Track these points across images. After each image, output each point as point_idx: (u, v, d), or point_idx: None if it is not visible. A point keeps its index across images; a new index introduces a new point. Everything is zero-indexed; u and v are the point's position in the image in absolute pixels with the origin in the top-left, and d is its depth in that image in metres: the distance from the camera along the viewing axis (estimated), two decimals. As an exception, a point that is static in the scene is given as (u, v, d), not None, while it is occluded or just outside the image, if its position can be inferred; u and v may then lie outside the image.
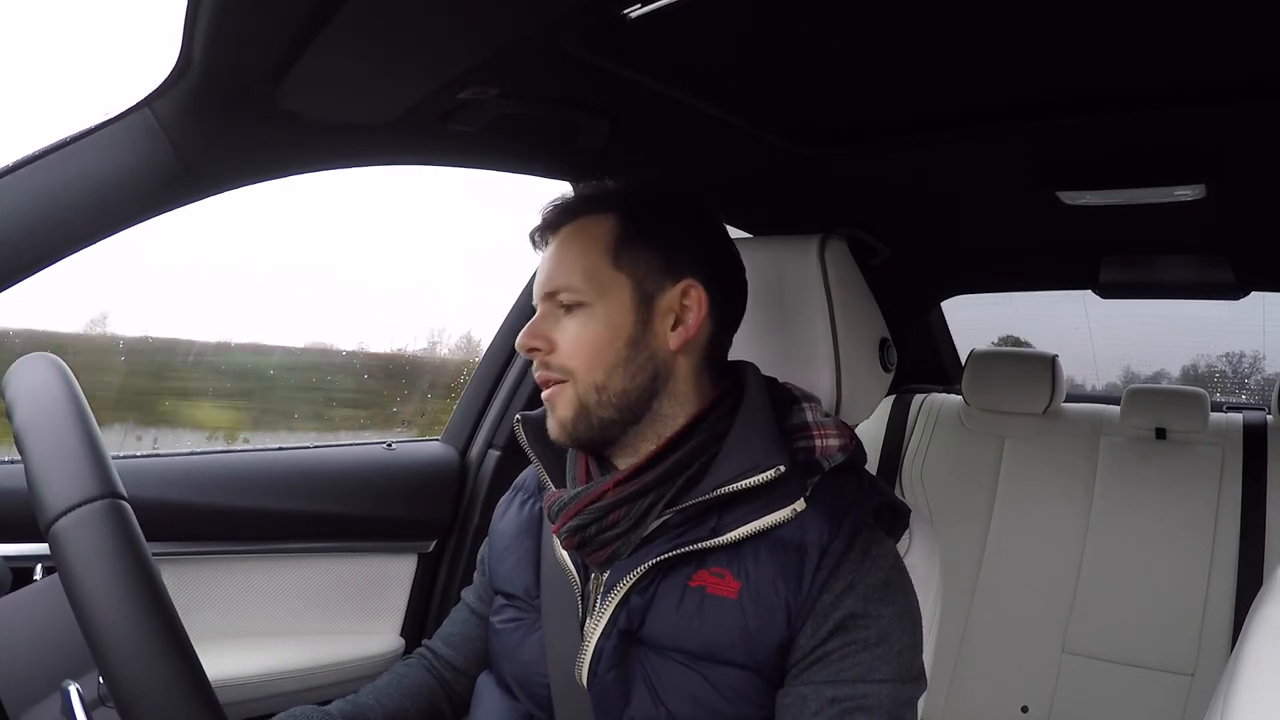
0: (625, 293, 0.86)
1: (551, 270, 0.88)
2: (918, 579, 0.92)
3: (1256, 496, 1.84)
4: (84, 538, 0.55)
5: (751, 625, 0.78)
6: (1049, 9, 0.86)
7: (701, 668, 0.78)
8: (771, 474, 0.79)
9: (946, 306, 2.41)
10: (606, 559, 0.84)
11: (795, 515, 0.80)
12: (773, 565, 0.79)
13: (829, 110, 1.19)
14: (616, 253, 0.87)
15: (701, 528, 0.81)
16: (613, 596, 0.82)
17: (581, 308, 0.86)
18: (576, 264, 0.86)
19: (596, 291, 0.85)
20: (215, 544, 1.21)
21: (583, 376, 0.85)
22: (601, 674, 0.81)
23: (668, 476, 0.83)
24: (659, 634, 0.80)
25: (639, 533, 0.83)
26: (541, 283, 0.89)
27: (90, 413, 0.62)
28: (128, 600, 0.54)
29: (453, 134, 1.07)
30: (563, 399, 0.86)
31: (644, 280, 0.86)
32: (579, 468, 0.91)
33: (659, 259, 0.87)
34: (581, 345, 0.85)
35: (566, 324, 0.86)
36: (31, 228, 0.85)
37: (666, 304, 0.87)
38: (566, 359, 0.85)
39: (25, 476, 0.58)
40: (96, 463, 0.58)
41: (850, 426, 0.92)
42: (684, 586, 0.80)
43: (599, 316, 0.85)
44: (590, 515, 0.83)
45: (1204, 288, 2.01)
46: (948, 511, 2.07)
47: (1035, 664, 1.91)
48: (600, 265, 0.86)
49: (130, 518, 0.58)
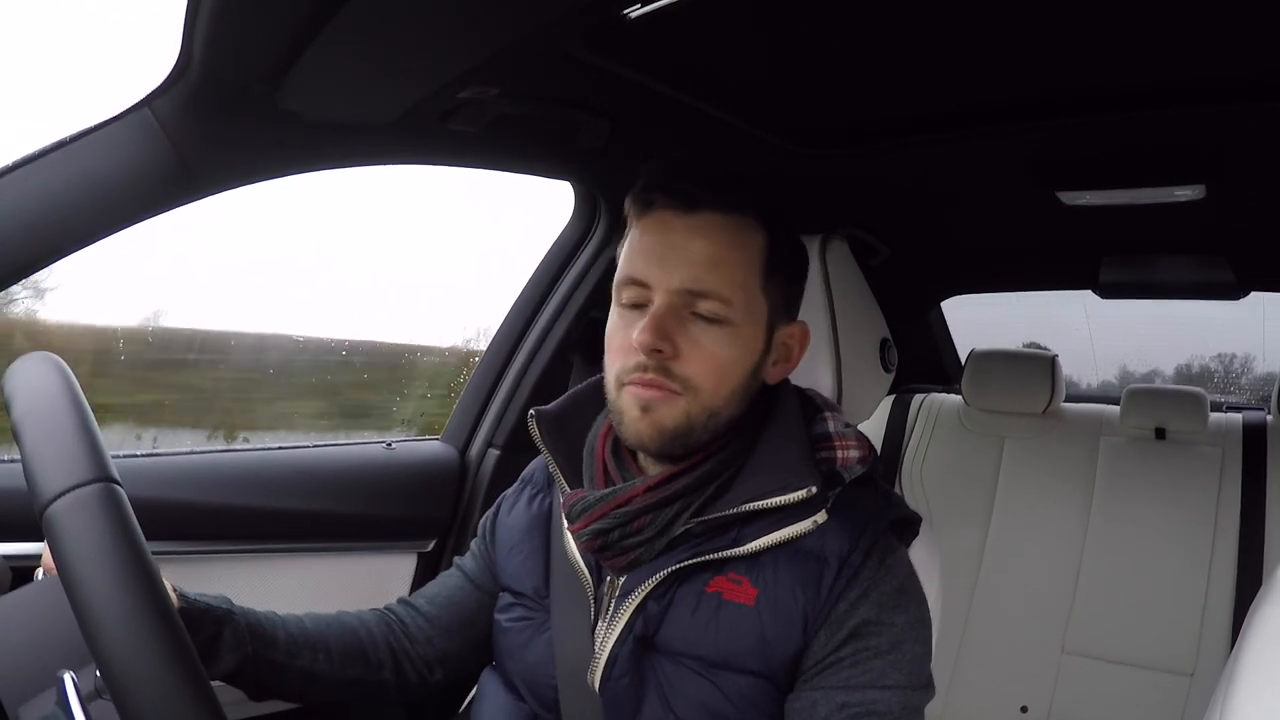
0: (763, 319, 0.82)
1: (704, 269, 0.78)
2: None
3: (1256, 496, 1.84)
4: (77, 521, 0.55)
5: (768, 633, 0.77)
6: (1049, 9, 0.86)
7: (714, 675, 0.77)
8: (803, 494, 0.78)
9: (946, 306, 2.41)
10: (626, 564, 0.82)
11: (816, 526, 0.79)
12: (792, 574, 0.78)
13: (829, 110, 1.19)
14: (765, 276, 0.82)
15: (723, 537, 0.80)
16: (630, 602, 0.80)
17: (725, 324, 0.79)
18: (735, 274, 0.79)
19: (745, 314, 0.80)
20: (215, 543, 1.21)
21: (703, 398, 0.79)
22: (615, 679, 0.80)
23: (698, 485, 0.81)
24: (674, 641, 0.79)
25: (663, 540, 0.80)
26: (681, 275, 0.78)
27: (86, 404, 0.63)
28: (121, 583, 0.53)
29: (453, 134, 1.07)
30: (671, 409, 0.79)
31: (774, 310, 0.83)
32: (595, 467, 0.88)
33: (790, 292, 0.85)
34: (715, 366, 0.79)
35: (702, 335, 0.79)
36: (31, 227, 0.85)
37: (780, 340, 0.85)
38: (694, 373, 0.78)
39: (23, 468, 0.59)
40: (90, 448, 0.58)
41: (866, 437, 0.90)
42: (701, 592, 0.79)
43: (739, 340, 0.80)
44: (616, 519, 0.80)
45: (1204, 288, 2.01)
46: (948, 512, 2.07)
47: (1035, 664, 1.90)
48: (753, 283, 0.81)
49: (123, 501, 0.57)
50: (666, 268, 0.79)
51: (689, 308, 0.79)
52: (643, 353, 0.77)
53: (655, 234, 0.81)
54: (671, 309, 0.78)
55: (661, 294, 0.79)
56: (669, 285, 0.78)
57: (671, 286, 0.78)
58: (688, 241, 0.79)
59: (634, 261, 0.81)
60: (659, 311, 0.78)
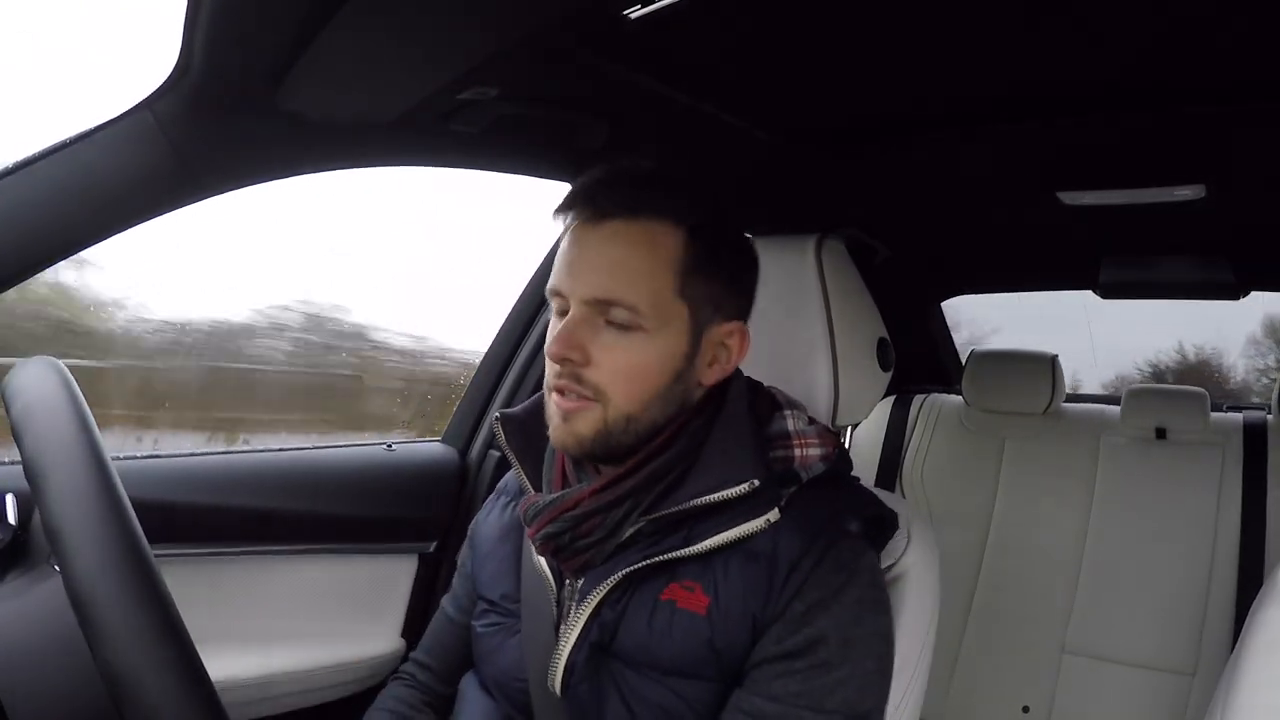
0: (683, 324, 0.81)
1: (608, 277, 0.78)
2: (916, 580, 0.92)
3: (1257, 496, 1.84)
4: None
5: (719, 641, 0.76)
6: (1049, 9, 0.86)
7: (672, 682, 0.77)
8: (745, 488, 0.77)
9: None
10: (581, 566, 0.82)
11: (769, 526, 0.77)
12: (742, 578, 0.77)
13: (829, 110, 1.19)
14: (683, 279, 0.80)
15: (675, 536, 0.79)
16: (585, 607, 0.80)
17: (636, 331, 0.79)
18: (642, 283, 0.78)
19: (658, 320, 0.79)
20: (215, 545, 1.21)
21: (617, 404, 0.79)
22: (575, 686, 0.80)
23: (645, 485, 0.81)
24: (630, 648, 0.79)
25: (614, 541, 0.81)
26: (589, 284, 0.79)
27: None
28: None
29: (452, 135, 1.07)
30: (586, 418, 0.79)
31: (699, 312, 0.82)
32: (555, 471, 0.88)
33: (717, 293, 0.83)
34: (626, 372, 0.79)
35: (612, 342, 0.79)
36: (33, 228, 0.85)
37: (712, 341, 0.83)
38: (604, 381, 0.79)
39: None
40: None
41: (834, 434, 0.89)
42: (655, 600, 0.79)
43: (653, 346, 0.79)
44: (564, 523, 0.81)
45: (1204, 288, 2.01)
46: (948, 512, 2.07)
47: (1035, 664, 1.90)
48: (666, 290, 0.79)
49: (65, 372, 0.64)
50: (576, 278, 0.80)
51: (602, 315, 0.79)
52: (554, 362, 0.79)
53: (570, 245, 0.82)
54: (584, 318, 0.79)
55: (574, 304, 0.80)
56: (579, 295, 0.79)
57: (582, 296, 0.79)
58: (597, 250, 0.80)
59: (555, 273, 0.83)
60: (570, 321, 0.79)
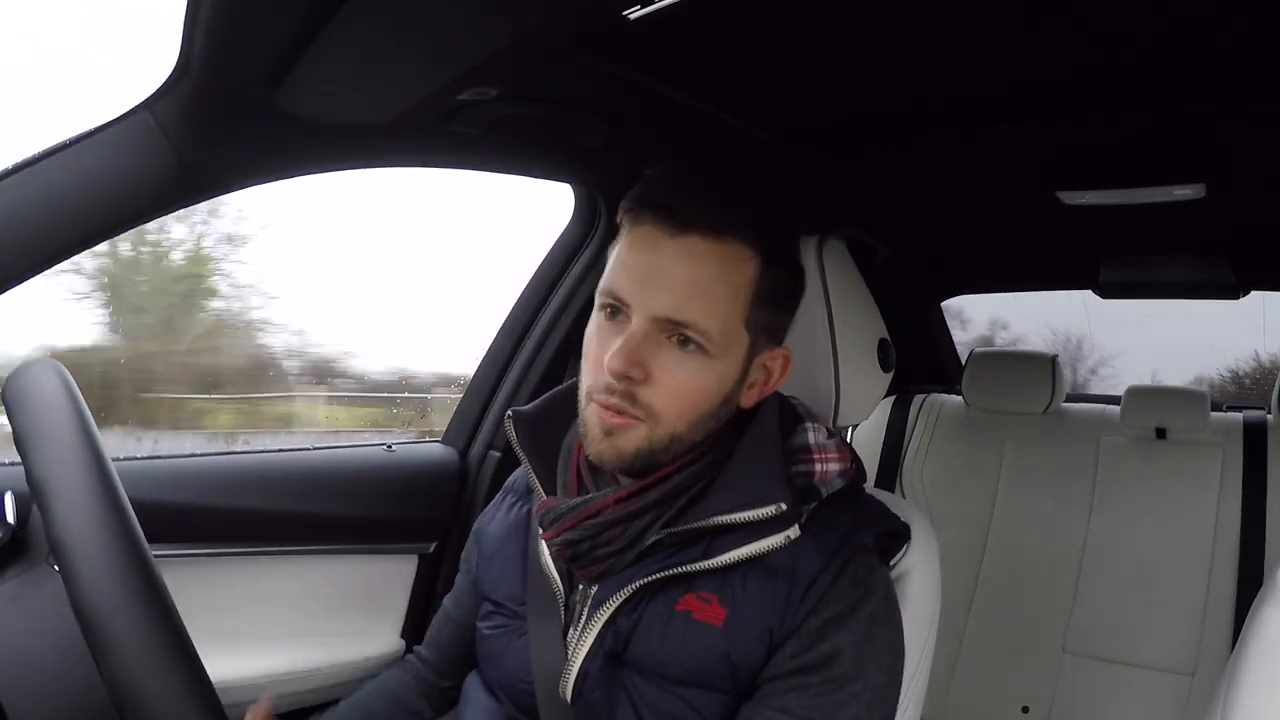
0: (742, 350, 0.79)
1: (684, 299, 0.75)
2: (917, 580, 0.92)
3: (1257, 496, 1.84)
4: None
5: (735, 654, 0.76)
6: (1049, 9, 0.86)
7: (684, 693, 0.77)
8: (772, 510, 0.76)
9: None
10: (597, 574, 0.81)
11: (789, 542, 0.77)
12: (761, 592, 0.77)
13: (829, 111, 1.19)
14: (752, 308, 0.78)
15: (694, 549, 0.78)
16: (600, 615, 0.80)
17: (700, 354, 0.76)
18: (717, 309, 0.76)
19: (724, 346, 0.77)
20: (215, 545, 1.21)
21: (668, 424, 0.77)
22: (587, 693, 0.80)
23: (669, 498, 0.79)
24: (644, 658, 0.78)
25: (633, 551, 0.79)
26: (662, 302, 0.75)
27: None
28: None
29: (452, 135, 1.07)
30: (631, 436, 0.77)
31: (757, 339, 0.80)
32: (569, 474, 0.87)
33: (774, 321, 0.82)
34: (682, 394, 0.77)
35: (673, 363, 0.76)
36: (32, 230, 0.85)
37: (761, 364, 0.82)
38: (658, 401, 0.76)
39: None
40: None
41: (851, 448, 0.89)
42: (670, 610, 0.78)
43: (713, 371, 0.77)
44: (586, 530, 0.79)
45: (1204, 288, 2.01)
46: (948, 512, 2.07)
47: (1035, 664, 1.90)
48: (736, 318, 0.77)
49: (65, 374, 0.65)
50: (648, 291, 0.75)
51: (667, 334, 0.76)
52: (614, 379, 0.75)
53: (641, 252, 0.77)
54: (648, 335, 0.75)
55: (640, 318, 0.76)
56: (649, 311, 0.75)
57: (651, 313, 0.75)
58: (674, 266, 0.75)
59: (617, 277, 0.78)
60: (634, 337, 0.75)
